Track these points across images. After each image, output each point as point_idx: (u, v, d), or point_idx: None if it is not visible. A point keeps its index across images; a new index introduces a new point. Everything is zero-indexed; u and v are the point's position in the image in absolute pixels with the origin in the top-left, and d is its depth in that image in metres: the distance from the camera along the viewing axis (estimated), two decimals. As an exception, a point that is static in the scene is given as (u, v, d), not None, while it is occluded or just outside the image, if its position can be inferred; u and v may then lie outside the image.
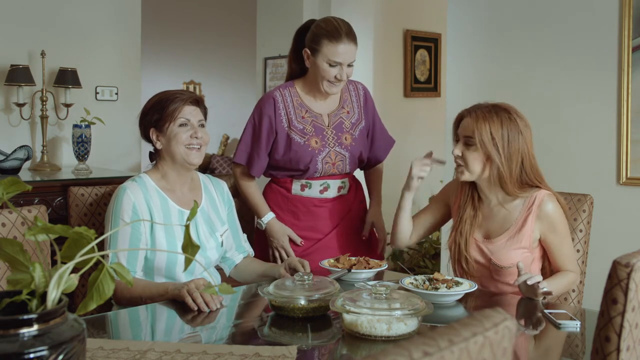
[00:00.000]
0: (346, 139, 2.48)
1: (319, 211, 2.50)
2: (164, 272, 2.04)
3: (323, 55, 2.34)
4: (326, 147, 2.44)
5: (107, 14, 4.06)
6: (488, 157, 2.01)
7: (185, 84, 8.54)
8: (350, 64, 2.37)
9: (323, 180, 2.49)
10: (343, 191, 2.54)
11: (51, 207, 3.16)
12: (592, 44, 2.98)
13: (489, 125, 2.00)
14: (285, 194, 2.52)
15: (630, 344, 1.16)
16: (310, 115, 2.46)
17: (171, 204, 2.09)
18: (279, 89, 2.49)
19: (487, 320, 0.80)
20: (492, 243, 2.08)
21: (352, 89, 2.56)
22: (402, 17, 5.40)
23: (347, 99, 2.54)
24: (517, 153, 2.02)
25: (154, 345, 1.45)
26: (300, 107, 2.46)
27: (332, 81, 2.37)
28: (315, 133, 2.44)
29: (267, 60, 4.95)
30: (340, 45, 2.32)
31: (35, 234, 1.00)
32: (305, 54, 2.42)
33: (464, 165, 2.05)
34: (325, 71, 2.35)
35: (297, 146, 2.42)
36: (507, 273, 2.06)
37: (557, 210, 2.05)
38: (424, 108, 5.53)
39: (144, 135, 2.15)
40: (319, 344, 1.60)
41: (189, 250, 1.13)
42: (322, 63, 2.35)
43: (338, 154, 2.46)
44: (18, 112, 3.68)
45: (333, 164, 2.46)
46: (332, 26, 2.35)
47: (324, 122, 2.47)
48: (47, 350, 0.91)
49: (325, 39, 2.33)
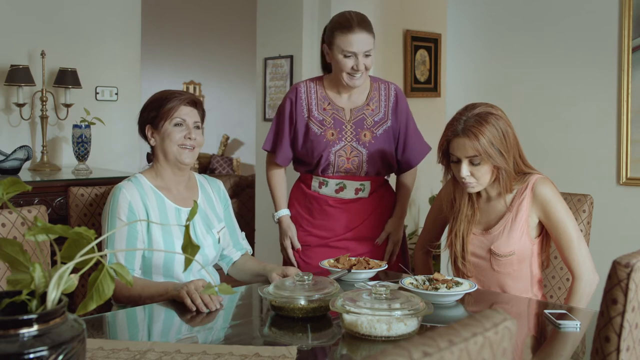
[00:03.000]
0: (365, 135, 2.46)
1: (333, 212, 2.49)
2: (162, 270, 2.04)
3: (337, 47, 2.36)
4: (342, 140, 2.44)
5: (107, 14, 4.06)
6: (496, 166, 2.01)
7: (185, 84, 8.54)
8: (367, 53, 2.37)
9: (339, 179, 2.47)
10: (362, 194, 2.49)
11: (51, 207, 3.16)
12: (592, 44, 2.98)
13: (488, 135, 1.97)
14: (305, 190, 2.54)
15: (630, 344, 1.16)
16: (332, 108, 2.48)
17: (167, 202, 2.10)
18: (306, 81, 2.55)
19: (487, 321, 0.80)
20: (490, 233, 2.09)
21: (382, 88, 2.54)
22: (402, 17, 5.40)
23: (375, 96, 2.52)
24: (512, 146, 2.03)
25: (154, 345, 1.45)
26: (323, 100, 2.49)
27: (350, 72, 2.38)
28: (334, 126, 2.45)
29: (267, 61, 4.94)
30: (351, 35, 2.33)
31: (35, 234, 1.00)
32: (324, 50, 2.46)
33: (475, 181, 2.03)
34: (342, 63, 2.37)
35: (313, 136, 2.45)
36: (508, 262, 2.06)
37: (551, 191, 2.04)
38: (424, 108, 5.52)
39: (140, 131, 2.18)
40: (319, 344, 1.60)
41: (189, 250, 1.13)
42: (338, 55, 2.37)
43: (354, 149, 2.44)
44: (18, 112, 3.68)
45: (347, 158, 2.44)
46: (344, 18, 2.38)
47: (345, 116, 2.47)
48: (47, 351, 0.90)
49: (338, 30, 2.36)
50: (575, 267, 2.02)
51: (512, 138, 2.02)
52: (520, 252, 2.06)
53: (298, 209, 2.56)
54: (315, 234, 2.51)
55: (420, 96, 5.53)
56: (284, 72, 4.80)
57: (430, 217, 2.38)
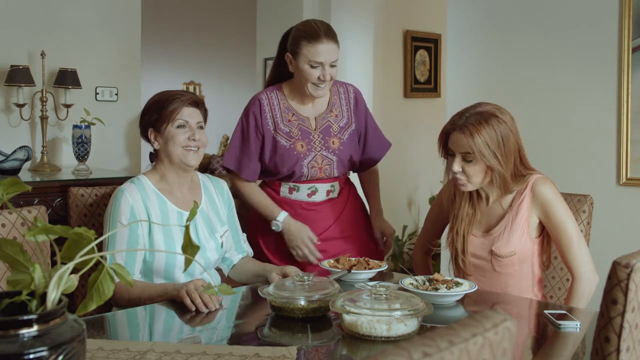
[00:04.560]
0: (334, 142, 2.45)
1: (307, 214, 2.47)
2: (163, 274, 2.03)
3: (303, 57, 2.32)
4: (312, 151, 2.42)
5: (107, 14, 4.06)
6: (489, 167, 2.01)
7: (185, 84, 8.54)
8: (332, 64, 2.33)
9: (310, 184, 2.46)
10: (332, 195, 2.50)
11: (51, 207, 3.16)
12: (592, 44, 2.98)
13: (485, 136, 1.96)
14: (275, 196, 2.50)
15: (630, 344, 1.17)
16: (297, 119, 2.44)
17: (170, 205, 2.08)
18: (265, 92, 2.47)
19: (487, 321, 0.80)
20: (491, 235, 2.09)
21: (342, 92, 2.53)
22: (402, 18, 5.40)
23: (336, 101, 2.50)
24: (511, 152, 2.01)
25: (154, 345, 1.45)
26: (287, 110, 2.44)
27: (316, 83, 2.34)
28: (302, 137, 2.42)
29: (267, 61, 4.95)
30: (319, 45, 2.30)
31: (35, 234, 1.00)
32: (287, 59, 2.40)
33: (466, 179, 2.03)
34: (308, 73, 2.33)
35: (282, 149, 2.40)
36: (509, 263, 2.06)
37: (551, 191, 2.03)
38: (424, 108, 5.53)
39: (142, 135, 2.15)
40: (318, 344, 1.60)
41: (189, 250, 1.13)
42: (304, 65, 2.32)
43: (325, 158, 2.43)
44: (18, 112, 3.68)
45: (320, 168, 2.43)
46: (311, 27, 2.34)
47: (311, 125, 2.45)
48: (47, 351, 0.90)
49: (304, 40, 2.31)
50: (575, 267, 2.02)
51: (512, 144, 2.00)
52: (521, 252, 2.06)
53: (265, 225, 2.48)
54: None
55: (420, 96, 5.53)
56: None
57: (430, 216, 2.38)
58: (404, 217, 5.33)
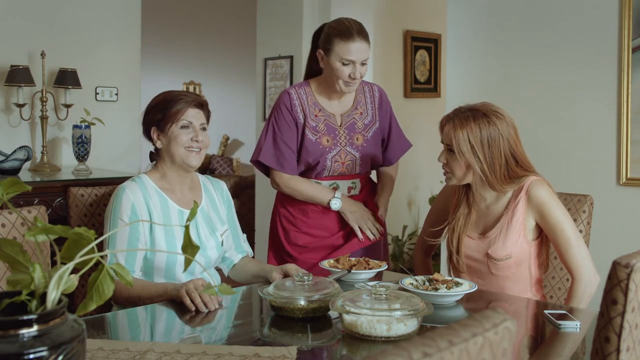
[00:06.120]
0: (357, 139, 2.50)
1: (328, 210, 2.50)
2: (164, 273, 2.04)
3: (336, 54, 2.37)
4: (337, 145, 2.47)
5: (107, 14, 4.06)
6: (468, 165, 2.02)
7: (185, 84, 8.54)
8: (363, 62, 2.39)
9: (332, 180, 2.51)
10: (354, 191, 2.55)
11: (51, 207, 3.16)
12: (592, 44, 2.98)
13: (467, 133, 1.98)
14: None
15: (630, 344, 1.17)
16: (323, 115, 2.49)
17: (171, 204, 2.09)
18: (294, 87, 2.54)
19: (487, 321, 0.80)
20: (487, 237, 2.09)
21: (367, 90, 2.59)
22: (402, 18, 5.40)
23: (362, 100, 2.56)
24: (499, 155, 2.00)
25: (153, 346, 1.45)
26: (314, 106, 2.50)
27: (347, 80, 2.39)
28: (328, 132, 2.47)
29: (267, 61, 4.95)
30: (352, 44, 2.35)
31: (35, 234, 1.00)
32: (319, 55, 2.45)
33: (450, 172, 2.07)
34: (339, 70, 2.38)
35: (309, 142, 2.46)
36: (505, 266, 2.05)
37: (546, 193, 2.02)
38: (424, 108, 5.53)
39: (145, 133, 2.16)
40: (318, 344, 1.60)
41: (189, 250, 1.13)
42: (336, 62, 2.38)
43: (348, 154, 2.49)
44: (18, 112, 3.68)
45: (342, 163, 2.49)
46: (344, 26, 2.39)
47: (337, 122, 2.50)
48: (47, 351, 0.90)
49: (337, 38, 2.37)
50: (574, 268, 2.01)
51: (501, 147, 2.00)
52: (517, 255, 2.05)
53: (290, 210, 2.55)
54: (312, 234, 2.52)
55: (420, 96, 5.53)
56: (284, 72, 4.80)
57: (430, 216, 2.38)
58: (404, 217, 5.33)
